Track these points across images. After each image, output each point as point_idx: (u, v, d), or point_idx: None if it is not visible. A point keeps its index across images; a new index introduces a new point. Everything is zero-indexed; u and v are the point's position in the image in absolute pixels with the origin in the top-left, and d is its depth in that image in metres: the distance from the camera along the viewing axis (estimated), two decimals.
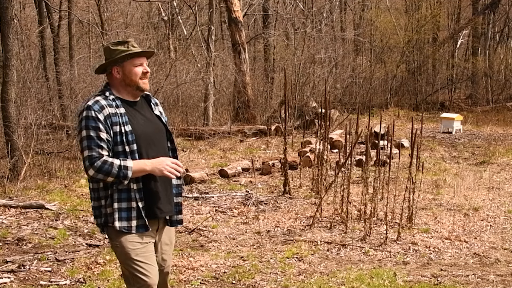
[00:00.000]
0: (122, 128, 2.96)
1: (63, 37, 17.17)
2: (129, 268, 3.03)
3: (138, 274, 3.00)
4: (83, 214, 6.89)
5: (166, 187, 3.12)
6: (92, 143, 2.89)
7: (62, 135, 10.77)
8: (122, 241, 2.99)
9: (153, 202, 3.05)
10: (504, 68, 22.28)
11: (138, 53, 3.05)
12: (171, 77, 14.12)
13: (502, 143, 12.77)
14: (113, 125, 2.95)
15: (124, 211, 2.97)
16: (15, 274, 4.95)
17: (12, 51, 8.60)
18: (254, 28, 22.06)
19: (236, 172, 9.48)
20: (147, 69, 3.08)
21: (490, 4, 21.81)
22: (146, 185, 3.02)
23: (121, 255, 3.04)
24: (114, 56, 3.03)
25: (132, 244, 3.00)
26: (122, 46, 3.05)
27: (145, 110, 3.14)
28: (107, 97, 3.00)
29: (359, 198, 7.05)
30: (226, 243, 5.96)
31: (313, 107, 14.01)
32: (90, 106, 2.93)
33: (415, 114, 17.25)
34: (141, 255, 3.01)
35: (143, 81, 3.06)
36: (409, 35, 20.29)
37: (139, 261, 3.00)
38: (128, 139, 2.96)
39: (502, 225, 6.59)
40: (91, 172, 2.88)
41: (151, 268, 3.04)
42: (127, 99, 3.08)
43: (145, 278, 3.00)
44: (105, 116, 2.93)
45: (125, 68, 3.03)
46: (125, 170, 2.89)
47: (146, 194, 3.02)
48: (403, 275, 4.95)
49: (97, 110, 2.92)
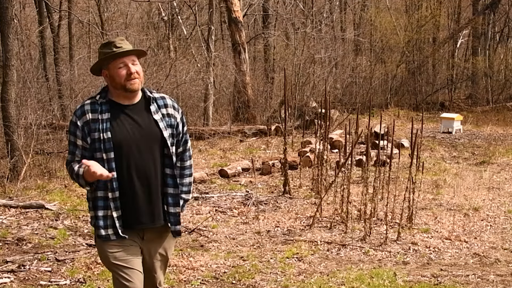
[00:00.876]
0: (101, 135, 2.88)
1: (63, 37, 17.18)
2: (111, 272, 3.01)
3: (119, 278, 2.94)
4: (83, 214, 6.89)
5: (150, 197, 2.97)
6: (69, 148, 3.01)
7: (62, 135, 10.76)
8: (101, 245, 2.97)
9: (130, 213, 2.95)
10: (504, 68, 22.27)
11: (117, 54, 2.90)
12: (171, 77, 14.12)
13: (502, 143, 12.77)
14: (91, 132, 2.90)
15: (101, 219, 2.94)
16: (15, 274, 4.95)
17: (12, 51, 8.60)
18: (254, 28, 22.05)
19: (236, 172, 9.48)
20: (130, 70, 2.90)
21: (490, 4, 21.81)
22: (123, 195, 2.93)
23: (102, 259, 3.04)
24: (100, 59, 2.97)
25: (110, 248, 2.95)
26: (106, 48, 2.94)
27: (140, 115, 2.98)
28: (96, 101, 2.94)
29: (359, 198, 7.04)
30: (226, 243, 5.96)
31: (313, 107, 14.01)
32: (75, 111, 2.97)
33: (415, 114, 17.24)
34: (120, 258, 2.94)
35: (130, 82, 2.91)
36: (409, 35, 20.29)
37: (118, 265, 2.94)
38: (105, 146, 2.88)
39: (502, 225, 6.59)
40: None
41: (132, 272, 2.94)
42: (121, 102, 2.97)
43: (125, 283, 2.93)
44: (83, 123, 2.91)
45: (110, 70, 2.93)
46: (77, 178, 2.91)
47: (123, 204, 2.94)
48: (403, 275, 4.95)
49: (78, 116, 2.93)
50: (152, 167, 2.97)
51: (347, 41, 21.60)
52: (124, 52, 2.91)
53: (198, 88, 15.21)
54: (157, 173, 2.99)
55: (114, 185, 2.90)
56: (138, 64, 2.98)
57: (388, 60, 20.58)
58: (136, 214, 2.96)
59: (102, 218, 2.94)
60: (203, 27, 18.08)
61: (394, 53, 20.87)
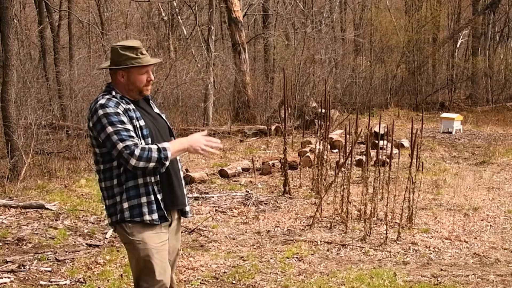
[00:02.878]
0: (137, 123, 2.98)
1: (63, 37, 17.19)
2: (147, 264, 3.02)
3: (155, 272, 3.02)
4: (83, 214, 6.89)
5: (179, 179, 3.16)
6: (122, 136, 2.88)
7: (62, 135, 10.78)
8: (145, 238, 3.00)
9: (167, 195, 3.07)
10: (504, 68, 22.26)
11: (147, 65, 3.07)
12: (171, 77, 14.12)
13: (502, 143, 12.77)
14: (131, 119, 2.97)
15: (144, 206, 2.98)
16: (15, 274, 4.95)
17: (12, 51, 8.60)
18: (254, 28, 22.06)
19: (236, 172, 9.48)
20: (151, 78, 3.10)
21: (490, 4, 21.80)
22: (161, 178, 3.04)
23: (141, 251, 3.01)
24: (121, 61, 3.02)
25: (154, 242, 3.01)
26: (131, 53, 3.02)
27: (148, 108, 3.19)
28: (115, 96, 3.03)
29: (359, 198, 7.04)
30: (226, 243, 5.96)
31: (313, 107, 14.01)
32: (104, 104, 2.94)
33: (415, 114, 17.24)
34: (161, 253, 3.04)
35: (147, 87, 3.10)
36: (409, 35, 20.29)
37: (158, 259, 3.02)
38: (143, 133, 2.98)
39: (502, 225, 6.59)
40: (132, 161, 2.85)
41: (166, 266, 3.09)
42: (131, 98, 3.12)
43: (161, 277, 3.04)
44: (122, 111, 2.95)
45: (130, 74, 3.04)
46: (165, 151, 2.91)
47: (163, 187, 3.05)
48: (403, 275, 4.95)
49: (114, 106, 2.94)
50: None
51: (347, 41, 21.61)
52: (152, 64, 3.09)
53: (198, 88, 15.21)
54: (176, 158, 3.15)
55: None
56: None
57: (388, 60, 20.58)
58: (173, 196, 3.10)
59: (147, 204, 2.99)
60: (203, 27, 18.09)
61: (394, 53, 20.87)
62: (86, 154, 9.86)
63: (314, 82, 15.84)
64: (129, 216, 2.98)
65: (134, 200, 2.97)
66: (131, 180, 2.96)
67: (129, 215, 2.97)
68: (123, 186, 2.97)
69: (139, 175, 2.96)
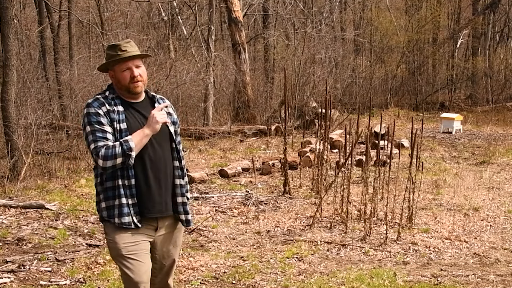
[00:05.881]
0: (118, 126, 2.98)
1: (63, 37, 17.19)
2: (118, 264, 3.07)
3: (126, 270, 3.03)
4: (83, 214, 6.89)
5: (162, 186, 3.09)
6: (96, 136, 2.92)
7: (62, 135, 10.77)
8: (116, 237, 3.02)
9: (145, 201, 3.04)
10: (504, 68, 22.27)
11: (122, 58, 3.02)
12: (171, 77, 14.12)
13: (502, 143, 12.77)
14: (112, 121, 2.98)
15: (116, 208, 2.99)
16: (15, 274, 4.95)
17: (12, 51, 8.60)
18: (254, 28, 22.06)
19: (236, 172, 9.48)
20: (134, 74, 3.02)
21: (490, 4, 21.81)
22: (138, 184, 3.02)
23: (113, 250, 3.07)
24: (106, 61, 3.09)
25: (124, 242, 3.01)
26: (111, 51, 3.06)
27: (147, 111, 3.11)
28: (107, 96, 3.05)
29: (359, 198, 7.04)
30: (226, 243, 5.96)
31: (313, 107, 14.01)
32: (90, 103, 2.99)
33: (415, 114, 17.25)
34: (131, 252, 3.02)
35: (134, 84, 3.04)
36: (409, 35, 20.29)
37: (128, 257, 3.02)
38: (122, 137, 2.97)
39: (502, 225, 6.59)
40: (100, 162, 2.89)
41: (140, 265, 3.04)
42: (128, 99, 3.10)
43: (131, 275, 3.01)
44: (104, 112, 2.97)
45: (115, 72, 3.06)
46: (126, 143, 2.91)
47: (138, 193, 3.02)
48: (403, 275, 4.95)
49: (97, 106, 2.97)
50: (163, 159, 3.10)
51: (347, 41, 21.62)
52: (128, 58, 3.03)
53: (198, 88, 15.21)
54: (167, 165, 3.12)
55: (130, 173, 2.98)
56: (142, 66, 3.11)
57: (388, 60, 20.58)
58: (151, 203, 3.06)
59: (117, 206, 2.99)
60: (203, 27, 18.08)
61: (394, 53, 20.88)
62: (86, 154, 9.86)
63: (314, 82, 15.84)
64: (106, 216, 3.04)
65: (110, 201, 3.01)
66: (109, 180, 3.00)
67: (106, 214, 3.04)
68: (104, 186, 3.02)
69: (116, 176, 2.98)
